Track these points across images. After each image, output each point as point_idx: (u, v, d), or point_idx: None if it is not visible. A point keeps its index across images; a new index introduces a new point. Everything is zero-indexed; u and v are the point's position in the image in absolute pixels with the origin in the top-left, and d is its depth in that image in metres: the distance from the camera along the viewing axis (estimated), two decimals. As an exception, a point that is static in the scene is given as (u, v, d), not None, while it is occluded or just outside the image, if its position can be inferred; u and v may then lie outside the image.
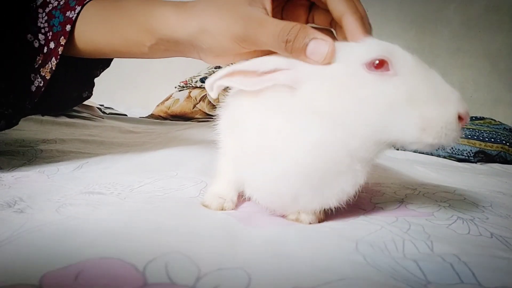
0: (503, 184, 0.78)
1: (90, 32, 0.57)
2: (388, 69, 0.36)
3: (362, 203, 0.50)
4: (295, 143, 0.38)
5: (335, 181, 0.39)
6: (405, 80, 0.36)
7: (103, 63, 0.72)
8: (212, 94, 0.41)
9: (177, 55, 0.52)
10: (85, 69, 0.70)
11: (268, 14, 0.42)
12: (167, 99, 2.05)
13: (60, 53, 0.57)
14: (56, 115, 1.33)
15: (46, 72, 0.58)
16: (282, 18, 0.47)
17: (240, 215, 0.43)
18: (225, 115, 0.46)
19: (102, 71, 0.74)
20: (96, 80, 0.76)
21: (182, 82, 2.12)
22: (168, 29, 0.48)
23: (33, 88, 0.60)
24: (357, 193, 0.41)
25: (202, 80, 2.04)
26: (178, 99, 2.00)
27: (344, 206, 0.41)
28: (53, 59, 0.58)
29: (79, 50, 0.59)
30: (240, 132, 0.42)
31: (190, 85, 2.06)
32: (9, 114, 0.63)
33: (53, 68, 0.58)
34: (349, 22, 0.40)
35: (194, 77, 2.10)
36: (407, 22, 2.39)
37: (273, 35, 0.39)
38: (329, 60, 0.37)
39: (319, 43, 0.37)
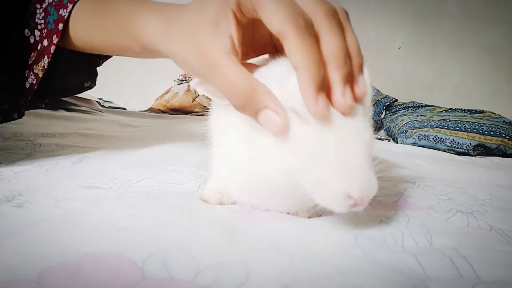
0: (502, 177, 0.78)
1: (82, 31, 0.55)
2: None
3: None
4: (237, 167, 0.41)
5: (281, 201, 0.41)
6: (312, 131, 0.33)
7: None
8: (199, 93, 0.42)
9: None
10: (86, 56, 0.68)
11: (234, 43, 0.36)
12: (166, 93, 2.05)
13: (52, 52, 0.56)
14: (55, 109, 1.33)
15: (39, 70, 0.58)
16: (253, 38, 0.42)
17: (239, 210, 0.43)
18: (211, 120, 0.47)
19: (105, 60, 0.73)
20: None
21: (181, 75, 2.12)
22: (149, 40, 0.45)
23: (27, 85, 0.59)
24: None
25: (201, 74, 2.04)
26: (177, 92, 1.99)
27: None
28: (46, 57, 0.57)
29: (75, 47, 0.58)
30: (218, 139, 0.45)
31: (189, 79, 2.06)
32: (6, 109, 0.62)
33: (45, 67, 0.57)
34: (300, 81, 0.33)
35: (193, 70, 2.09)
36: (407, 15, 2.38)
37: (223, 84, 0.35)
38: (283, 133, 0.34)
39: (270, 114, 0.33)
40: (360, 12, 2.42)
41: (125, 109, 1.94)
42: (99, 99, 1.88)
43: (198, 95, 1.93)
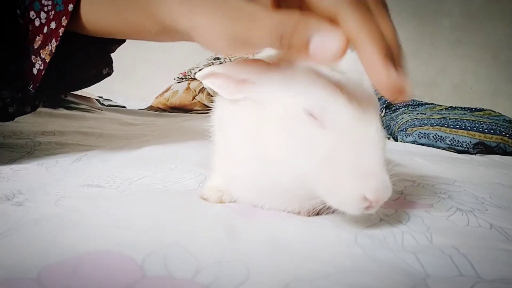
0: (502, 176, 0.78)
1: (95, 12, 0.53)
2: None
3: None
4: (243, 166, 0.41)
5: (286, 202, 0.41)
6: (328, 136, 0.34)
7: (118, 39, 0.67)
8: (205, 86, 0.42)
9: (186, 40, 0.46)
10: (101, 44, 0.67)
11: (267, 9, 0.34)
12: (166, 91, 2.05)
13: (60, 34, 0.53)
14: (55, 107, 1.33)
15: (46, 55, 0.55)
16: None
17: (239, 208, 0.43)
18: (215, 117, 0.47)
19: (118, 47, 0.71)
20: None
21: (181, 73, 2.11)
22: (169, 18, 0.41)
23: (35, 71, 0.56)
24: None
25: (201, 72, 2.03)
26: (177, 90, 1.99)
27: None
28: (53, 40, 0.54)
29: (86, 30, 0.55)
30: (222, 137, 0.45)
31: (189, 77, 2.06)
32: (19, 97, 0.60)
33: (53, 51, 0.54)
34: (365, 50, 0.30)
35: (193, 68, 2.09)
36: (407, 13, 2.37)
37: (266, 30, 0.32)
38: (340, 57, 0.29)
39: (325, 38, 0.29)
40: (360, 10, 2.41)
41: (125, 107, 1.94)
42: (99, 97, 1.88)
43: (198, 93, 1.93)
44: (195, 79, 2.02)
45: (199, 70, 2.03)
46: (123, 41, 0.69)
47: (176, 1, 0.39)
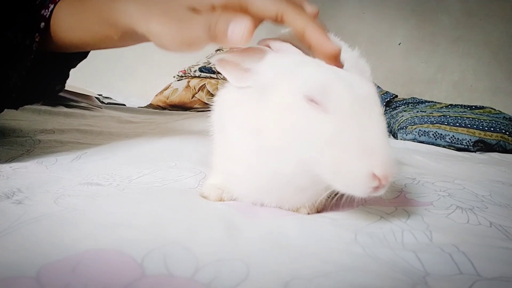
0: (502, 174, 0.78)
1: (63, 29, 0.58)
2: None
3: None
4: (243, 161, 0.41)
5: (290, 195, 0.41)
6: (332, 119, 0.34)
7: (81, 54, 0.72)
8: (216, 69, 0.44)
9: (144, 42, 0.53)
10: (63, 61, 0.69)
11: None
12: (165, 89, 2.04)
13: (34, 49, 0.58)
14: (54, 105, 1.32)
15: (21, 69, 0.59)
16: None
17: (238, 206, 0.43)
18: (214, 116, 0.47)
19: (79, 62, 0.74)
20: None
21: (181, 71, 2.11)
22: (130, 24, 0.48)
23: (11, 84, 0.60)
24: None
25: (201, 70, 2.03)
26: (177, 88, 1.99)
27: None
28: (28, 55, 0.58)
29: (57, 46, 0.60)
30: (221, 134, 0.45)
31: (189, 75, 2.05)
32: None
33: (28, 64, 0.59)
34: (312, 35, 0.38)
35: (192, 66, 2.09)
36: (407, 11, 2.37)
37: (199, 28, 0.40)
38: (246, 40, 0.36)
39: (235, 24, 0.37)
40: (360, 8, 2.41)
41: (124, 105, 1.93)
42: (99, 95, 1.88)
43: (198, 91, 1.93)
44: (195, 77, 2.02)
45: (199, 68, 2.04)
46: (85, 57, 0.73)
47: (136, 10, 0.47)
